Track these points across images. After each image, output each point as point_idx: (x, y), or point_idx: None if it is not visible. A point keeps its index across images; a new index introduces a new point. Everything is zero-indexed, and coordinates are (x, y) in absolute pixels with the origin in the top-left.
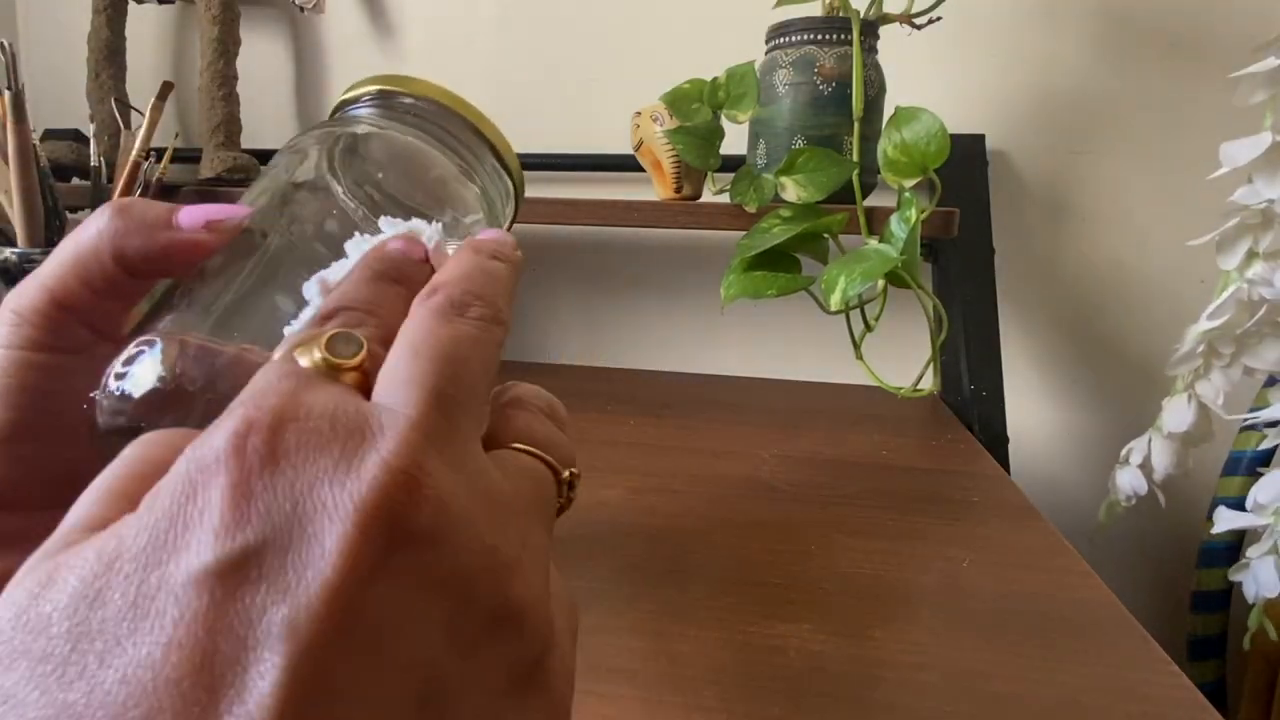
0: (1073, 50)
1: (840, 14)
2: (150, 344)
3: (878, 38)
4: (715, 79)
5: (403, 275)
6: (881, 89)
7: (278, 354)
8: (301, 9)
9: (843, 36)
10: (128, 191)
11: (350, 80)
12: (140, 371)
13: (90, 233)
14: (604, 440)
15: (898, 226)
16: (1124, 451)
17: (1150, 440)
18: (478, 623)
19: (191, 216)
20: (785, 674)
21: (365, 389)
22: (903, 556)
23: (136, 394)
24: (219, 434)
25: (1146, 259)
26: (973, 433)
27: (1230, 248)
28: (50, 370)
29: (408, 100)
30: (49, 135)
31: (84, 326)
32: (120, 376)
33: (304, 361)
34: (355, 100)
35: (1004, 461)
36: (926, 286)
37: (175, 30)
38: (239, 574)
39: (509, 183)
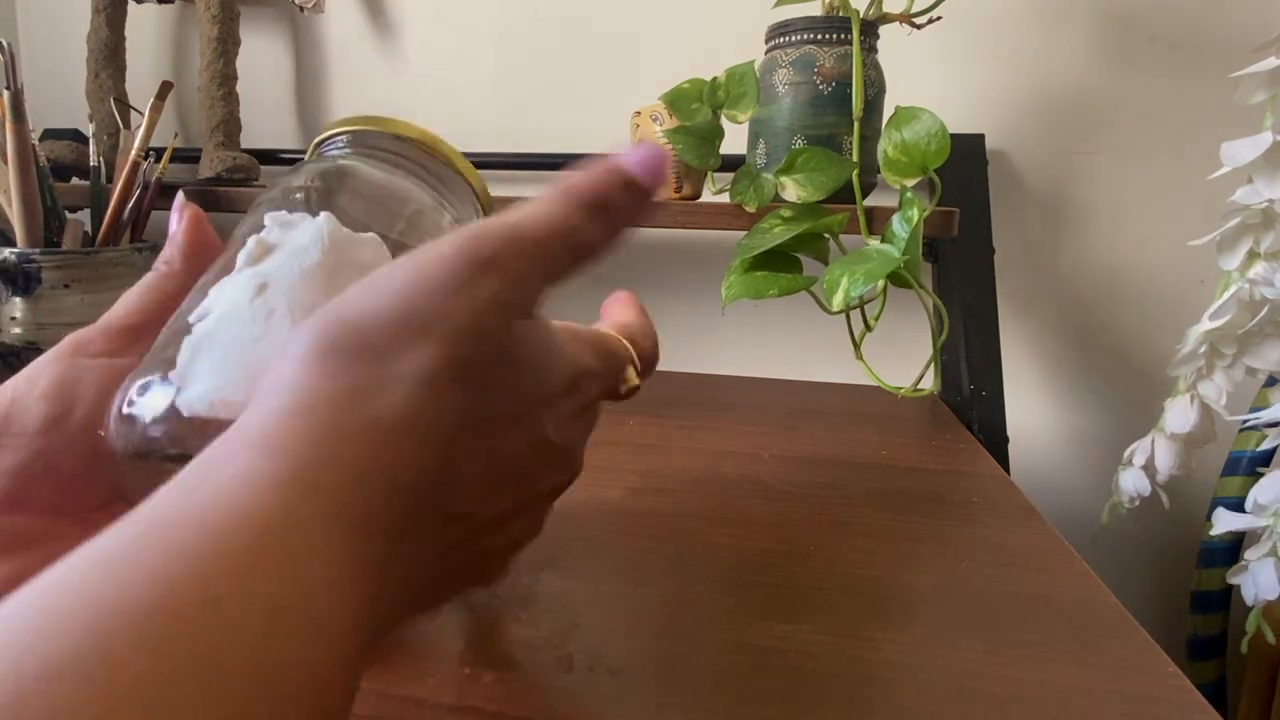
0: (1073, 50)
1: (840, 14)
2: (162, 376)
3: (878, 37)
4: (715, 79)
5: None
6: (881, 89)
7: (629, 345)
8: (301, 9)
9: (843, 36)
10: (127, 191)
11: (350, 81)
12: (150, 400)
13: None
14: (604, 440)
15: (900, 226)
16: (1127, 453)
17: (1153, 441)
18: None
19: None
20: (785, 674)
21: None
22: (903, 556)
23: (146, 419)
24: (583, 389)
25: (1146, 259)
26: (973, 433)
27: (1231, 248)
28: (91, 372)
29: (383, 138)
30: (49, 135)
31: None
32: (131, 404)
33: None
34: (331, 139)
35: (1004, 461)
36: (927, 286)
37: (175, 30)
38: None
39: (478, 206)
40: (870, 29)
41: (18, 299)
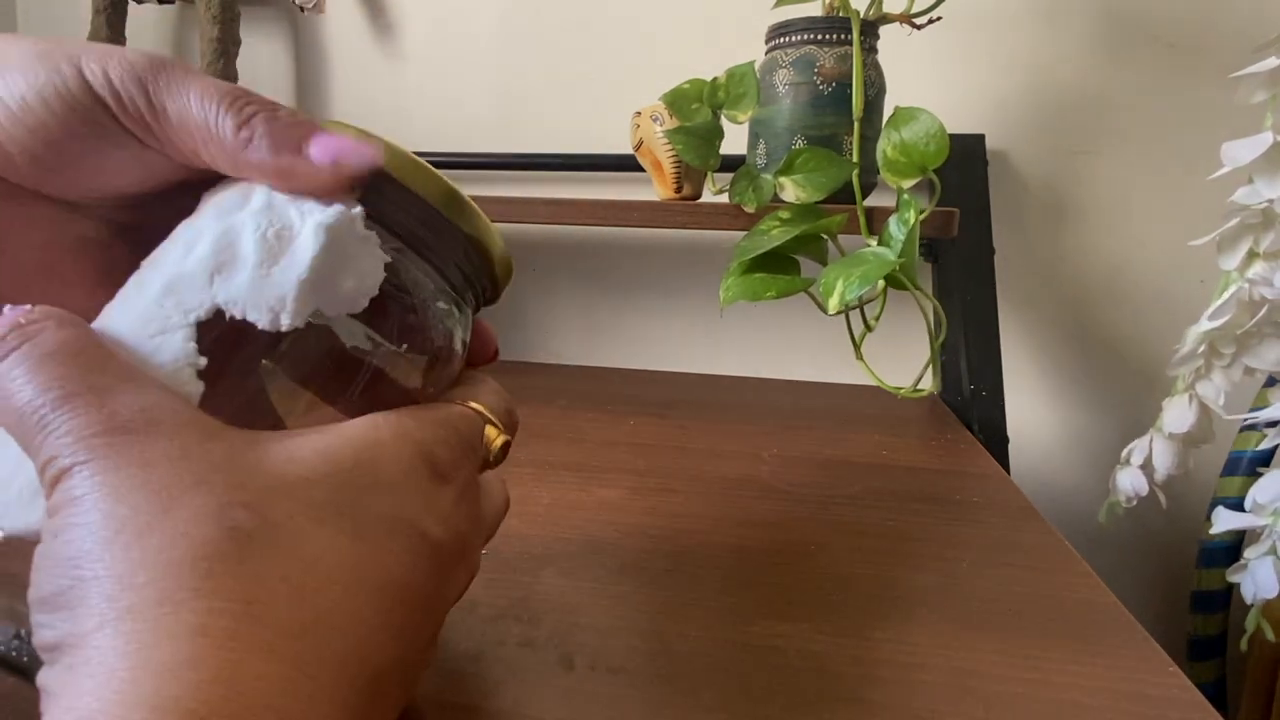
0: (1073, 50)
1: (840, 14)
2: None
3: (878, 38)
4: (715, 79)
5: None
6: (881, 89)
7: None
8: (301, 9)
9: (843, 36)
10: None
11: (350, 81)
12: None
13: None
14: (604, 440)
15: (896, 229)
16: (1125, 452)
17: (1151, 440)
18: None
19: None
20: (785, 674)
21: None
22: (903, 556)
23: None
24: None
25: (1146, 259)
26: (972, 432)
27: (1231, 248)
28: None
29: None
30: None
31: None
32: None
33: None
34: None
35: (1004, 461)
36: (926, 287)
37: (175, 30)
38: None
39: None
40: (870, 29)
41: None
